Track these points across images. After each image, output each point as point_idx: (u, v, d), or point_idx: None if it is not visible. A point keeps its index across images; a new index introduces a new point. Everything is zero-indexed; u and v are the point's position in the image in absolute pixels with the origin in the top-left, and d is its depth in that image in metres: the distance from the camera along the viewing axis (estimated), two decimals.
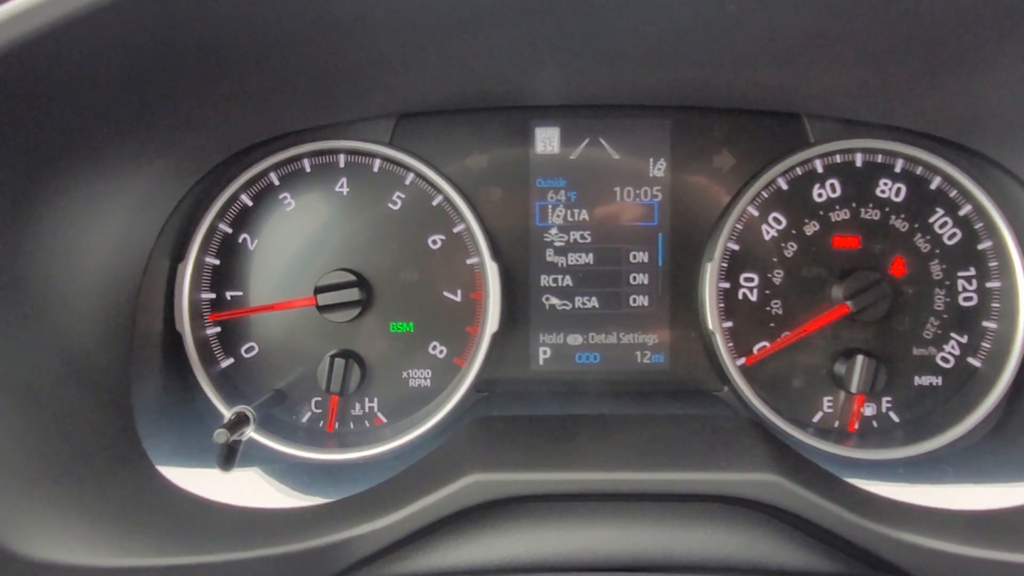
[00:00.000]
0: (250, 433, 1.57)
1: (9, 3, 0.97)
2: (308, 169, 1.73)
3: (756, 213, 1.72)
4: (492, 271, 1.71)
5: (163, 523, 1.29)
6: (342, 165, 1.73)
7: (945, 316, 1.71)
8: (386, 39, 1.27)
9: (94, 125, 1.25)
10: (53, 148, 1.22)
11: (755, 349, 1.73)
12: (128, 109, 1.27)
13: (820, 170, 1.72)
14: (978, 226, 1.70)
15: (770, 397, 1.73)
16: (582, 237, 1.78)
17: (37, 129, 1.17)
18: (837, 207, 1.71)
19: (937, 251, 1.70)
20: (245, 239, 1.73)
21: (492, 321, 1.71)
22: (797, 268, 1.72)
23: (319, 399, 1.75)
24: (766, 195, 1.72)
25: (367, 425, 1.76)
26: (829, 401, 1.74)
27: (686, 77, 1.55)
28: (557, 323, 1.79)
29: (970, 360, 1.72)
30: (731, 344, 1.73)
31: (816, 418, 1.75)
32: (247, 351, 1.74)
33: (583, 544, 1.19)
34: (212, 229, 1.70)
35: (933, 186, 1.70)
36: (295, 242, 1.73)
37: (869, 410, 1.74)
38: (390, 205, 1.74)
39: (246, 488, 1.53)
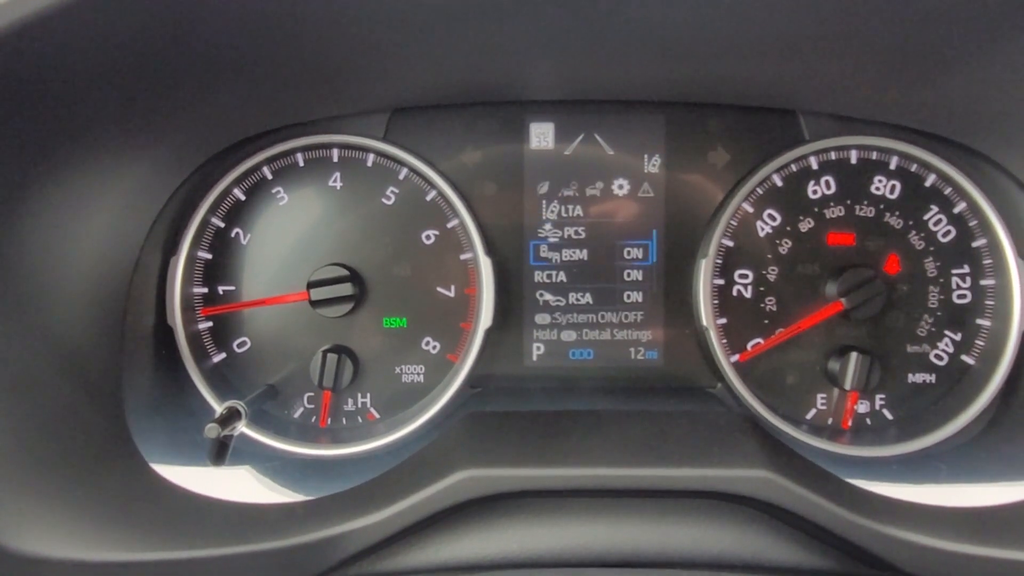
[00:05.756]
0: (242, 428, 1.56)
1: None
2: (301, 163, 1.72)
3: (751, 209, 1.72)
4: (486, 267, 1.70)
5: (154, 518, 1.29)
6: (336, 160, 1.73)
7: (939, 313, 1.71)
8: (380, 33, 1.26)
9: (86, 118, 1.25)
10: (44, 141, 1.21)
11: (749, 346, 1.73)
12: (120, 102, 1.26)
13: (815, 167, 1.72)
14: (972, 223, 1.70)
15: (764, 394, 1.73)
16: (576, 233, 1.77)
17: (27, 122, 1.16)
18: (832, 204, 1.71)
19: (931, 248, 1.71)
20: (238, 233, 1.72)
21: (486, 317, 1.70)
22: (791, 265, 1.72)
23: (311, 394, 1.74)
24: (761, 191, 1.72)
25: (360, 421, 1.76)
26: (823, 398, 1.74)
27: (681, 72, 1.54)
28: (551, 319, 1.79)
29: (964, 358, 1.72)
30: (725, 341, 1.72)
31: (810, 415, 1.75)
32: (239, 346, 1.73)
33: (576, 540, 1.19)
34: (204, 223, 1.69)
35: (928, 183, 1.70)
36: (288, 237, 1.72)
37: (863, 407, 1.74)
38: (384, 200, 1.73)
39: (237, 483, 1.53)
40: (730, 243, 1.72)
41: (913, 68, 1.38)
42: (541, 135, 1.76)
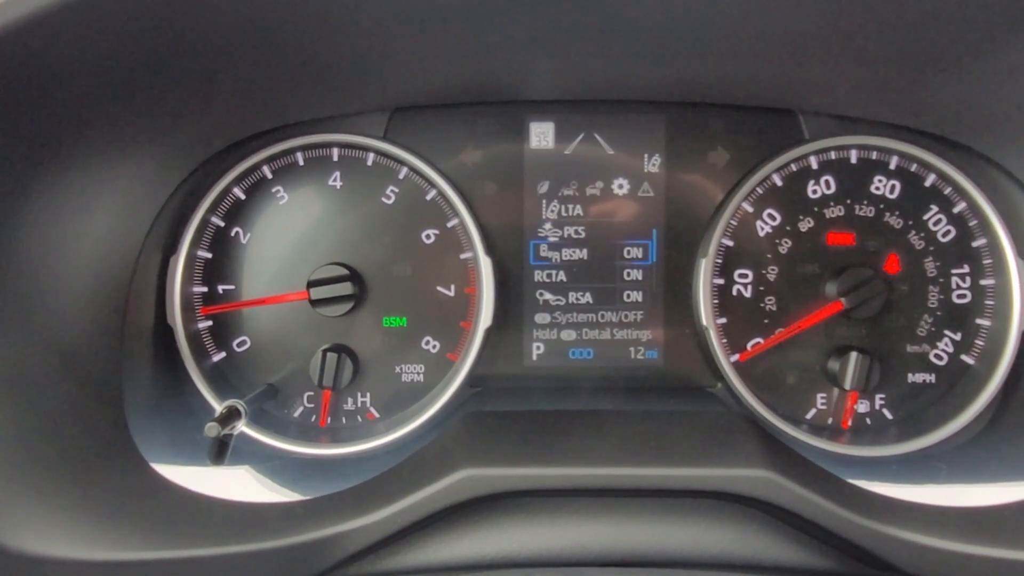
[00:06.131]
0: (241, 427, 1.56)
1: None
2: (301, 162, 1.72)
3: (750, 209, 1.72)
4: (486, 266, 1.70)
5: (154, 517, 1.28)
6: (336, 159, 1.73)
7: (939, 313, 1.71)
8: (381, 32, 1.26)
9: (85, 118, 1.24)
10: (44, 141, 1.21)
11: (749, 345, 1.73)
12: (120, 101, 1.26)
13: (815, 166, 1.72)
14: (972, 223, 1.70)
15: (764, 393, 1.72)
16: (576, 232, 1.77)
17: (28, 121, 1.16)
18: (831, 204, 1.71)
19: (931, 248, 1.70)
20: (237, 232, 1.72)
21: (485, 316, 1.70)
22: (791, 264, 1.72)
23: (311, 394, 1.74)
24: (760, 191, 1.72)
25: (359, 420, 1.75)
26: (823, 398, 1.74)
27: (681, 72, 1.54)
28: (551, 318, 1.78)
29: (963, 357, 1.72)
30: (725, 340, 1.72)
31: (810, 415, 1.75)
32: (239, 345, 1.73)
33: (576, 540, 1.19)
34: (204, 222, 1.69)
35: (927, 183, 1.70)
36: (288, 236, 1.72)
37: (863, 407, 1.74)
38: (384, 199, 1.73)
39: (237, 483, 1.53)
40: (730, 243, 1.72)
41: (913, 68, 1.38)
42: (541, 134, 1.76)
